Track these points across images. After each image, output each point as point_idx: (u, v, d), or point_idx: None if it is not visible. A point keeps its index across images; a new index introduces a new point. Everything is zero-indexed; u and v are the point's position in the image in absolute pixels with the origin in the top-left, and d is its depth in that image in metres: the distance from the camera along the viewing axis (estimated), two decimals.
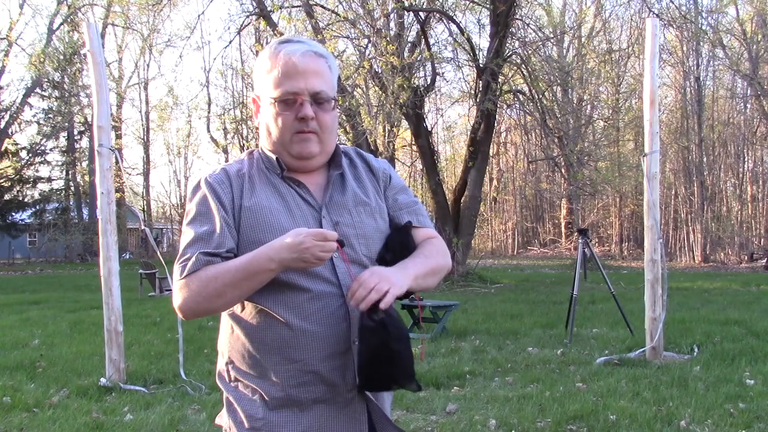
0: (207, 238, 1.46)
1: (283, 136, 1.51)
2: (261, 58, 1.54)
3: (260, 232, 1.47)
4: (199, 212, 1.50)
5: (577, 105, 22.00)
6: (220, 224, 1.47)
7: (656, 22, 6.41)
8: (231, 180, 1.52)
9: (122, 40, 35.46)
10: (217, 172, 1.55)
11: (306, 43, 1.52)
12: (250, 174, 1.54)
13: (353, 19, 14.14)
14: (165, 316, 9.60)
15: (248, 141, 34.98)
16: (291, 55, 1.48)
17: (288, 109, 1.49)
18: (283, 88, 1.48)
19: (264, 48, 1.58)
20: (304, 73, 1.48)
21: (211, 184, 1.51)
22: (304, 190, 1.54)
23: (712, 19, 23.85)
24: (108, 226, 5.48)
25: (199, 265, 1.44)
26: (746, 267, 22.40)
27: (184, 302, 1.46)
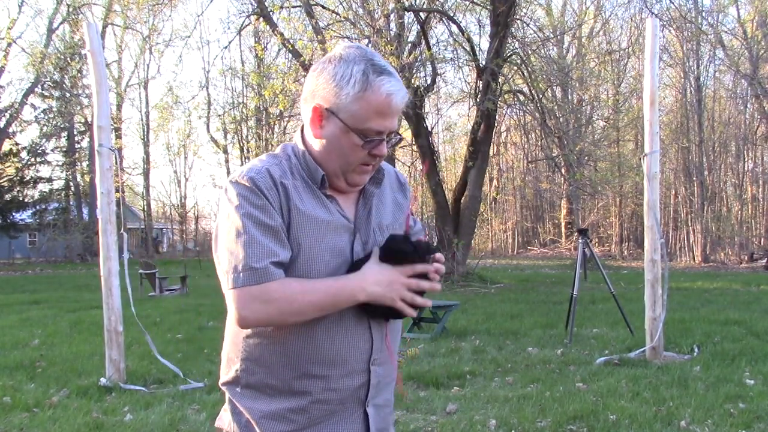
0: (272, 245, 1.39)
1: (348, 164, 1.46)
2: (349, 77, 1.40)
3: (310, 239, 1.44)
4: (254, 214, 1.40)
5: (577, 105, 22.00)
6: (279, 231, 1.41)
7: (656, 23, 6.41)
8: (277, 185, 1.43)
9: (122, 40, 35.51)
10: (261, 172, 1.43)
11: (397, 78, 1.43)
12: (290, 184, 1.45)
13: (353, 19, 14.14)
14: (165, 316, 9.60)
15: (248, 141, 35.01)
16: (393, 95, 1.40)
17: (368, 145, 1.43)
18: (372, 126, 1.41)
19: (343, 62, 1.42)
20: (394, 114, 1.43)
21: (262, 190, 1.41)
22: (339, 207, 1.50)
23: (713, 19, 23.87)
24: (108, 226, 5.48)
25: (272, 277, 1.38)
26: (746, 267, 22.40)
27: (256, 314, 1.39)
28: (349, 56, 1.42)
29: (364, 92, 1.39)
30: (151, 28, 21.73)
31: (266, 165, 1.46)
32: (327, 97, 1.42)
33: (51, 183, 34.41)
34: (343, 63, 1.41)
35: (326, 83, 1.42)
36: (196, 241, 43.51)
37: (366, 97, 1.39)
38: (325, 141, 1.45)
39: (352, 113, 1.41)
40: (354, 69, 1.40)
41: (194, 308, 10.66)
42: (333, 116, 1.42)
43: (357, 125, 1.41)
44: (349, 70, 1.40)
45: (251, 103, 25.84)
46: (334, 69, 1.42)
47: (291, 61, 14.69)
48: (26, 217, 34.14)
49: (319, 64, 1.46)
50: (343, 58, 1.42)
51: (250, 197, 1.40)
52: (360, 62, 1.41)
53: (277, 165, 1.47)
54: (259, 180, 1.41)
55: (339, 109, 1.42)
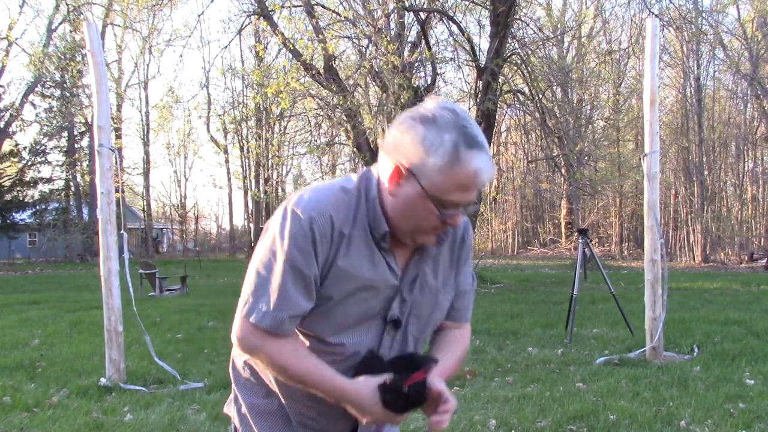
0: (298, 298, 1.39)
1: (419, 227, 1.42)
2: (438, 145, 1.32)
3: (343, 293, 1.43)
4: (296, 259, 1.37)
5: (577, 105, 22.00)
6: (311, 281, 1.40)
7: (656, 22, 6.40)
8: (333, 234, 1.39)
9: (122, 40, 35.51)
10: (323, 215, 1.38)
11: (487, 151, 1.37)
12: (351, 232, 1.41)
13: (354, 18, 14.14)
14: (165, 316, 9.60)
15: (248, 141, 34.99)
16: (481, 173, 1.34)
17: (444, 213, 1.39)
18: (454, 198, 1.36)
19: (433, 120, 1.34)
20: (476, 188, 1.38)
21: (315, 233, 1.37)
22: (393, 259, 1.47)
23: (713, 19, 23.87)
24: (108, 226, 5.47)
25: (283, 331, 1.40)
26: (746, 267, 22.39)
27: (249, 349, 1.44)
28: (441, 120, 1.34)
29: (452, 166, 1.32)
30: (151, 27, 21.71)
31: (332, 206, 1.40)
32: (411, 159, 1.35)
33: (51, 183, 34.41)
34: (435, 127, 1.33)
35: (413, 144, 1.35)
36: (196, 241, 43.55)
37: (453, 171, 1.33)
38: (399, 201, 1.40)
39: (434, 182, 1.34)
40: (445, 138, 1.32)
41: (194, 308, 10.66)
42: (413, 179, 1.36)
43: (437, 195, 1.35)
44: (440, 138, 1.32)
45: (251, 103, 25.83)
46: (424, 132, 1.34)
47: (292, 60, 14.68)
48: (26, 217, 34.13)
49: (408, 119, 1.38)
50: (436, 122, 1.34)
51: (300, 240, 1.36)
52: (452, 130, 1.33)
53: (344, 206, 1.41)
54: (317, 224, 1.37)
55: (421, 175, 1.35)
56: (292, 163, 40.70)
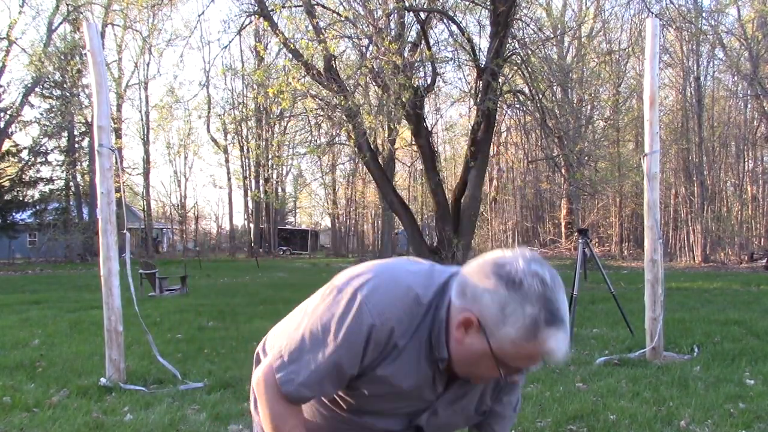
0: (328, 387, 1.40)
1: (476, 374, 1.41)
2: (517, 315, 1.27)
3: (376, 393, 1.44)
4: (342, 356, 1.36)
5: (577, 105, 22.00)
6: (346, 378, 1.40)
7: (656, 22, 6.40)
8: (388, 345, 1.36)
9: (122, 40, 35.52)
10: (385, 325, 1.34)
11: (566, 328, 1.31)
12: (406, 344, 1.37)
13: (354, 18, 14.14)
14: (165, 316, 9.60)
15: (248, 141, 34.99)
16: (555, 353, 1.30)
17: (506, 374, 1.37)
18: (517, 364, 1.34)
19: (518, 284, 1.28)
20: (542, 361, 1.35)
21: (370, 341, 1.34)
22: (441, 376, 1.45)
23: (713, 19, 23.87)
24: (108, 226, 5.47)
25: (301, 403, 1.44)
26: (746, 267, 22.39)
27: (261, 394, 1.45)
28: (528, 290, 1.27)
29: (527, 341, 1.28)
30: (151, 27, 21.72)
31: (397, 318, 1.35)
32: (486, 317, 1.30)
33: (51, 183, 34.41)
34: (518, 296, 1.27)
35: (491, 303, 1.29)
36: (196, 241, 43.55)
37: (526, 346, 1.28)
38: (463, 349, 1.35)
39: (504, 349, 1.30)
40: (527, 311, 1.26)
41: (194, 308, 10.66)
42: (483, 336, 1.31)
43: (504, 360, 1.32)
44: (521, 310, 1.27)
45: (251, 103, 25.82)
46: (506, 297, 1.28)
47: (292, 61, 14.68)
48: (26, 217, 34.13)
49: (494, 275, 1.31)
50: (521, 289, 1.28)
51: (354, 341, 1.34)
52: (536, 304, 1.27)
53: (410, 319, 1.36)
54: (376, 332, 1.34)
55: (492, 336, 1.30)
56: (292, 163, 40.73)
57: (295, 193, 50.96)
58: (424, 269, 1.45)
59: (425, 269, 1.45)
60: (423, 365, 1.40)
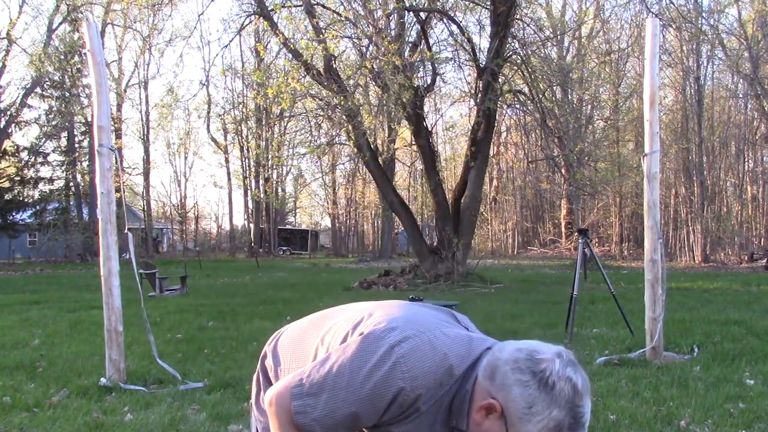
0: (334, 426, 1.39)
1: None
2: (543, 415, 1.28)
3: None
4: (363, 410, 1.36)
5: (577, 105, 22.01)
6: (356, 427, 1.41)
7: (656, 22, 6.40)
8: (410, 408, 1.37)
9: (122, 40, 35.52)
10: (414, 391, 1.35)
11: None
12: (424, 408, 1.39)
13: (354, 18, 14.13)
14: (165, 316, 9.60)
15: (248, 141, 34.98)
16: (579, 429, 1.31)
17: None
18: None
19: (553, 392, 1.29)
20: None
21: (394, 403, 1.36)
22: None
23: (713, 19, 23.87)
24: (108, 226, 5.47)
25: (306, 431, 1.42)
26: (746, 267, 22.40)
27: (274, 423, 1.43)
28: (558, 394, 1.29)
29: (560, 420, 1.28)
30: (151, 27, 21.72)
31: (427, 387, 1.36)
32: (510, 408, 1.30)
33: (51, 183, 34.41)
34: (548, 398, 1.28)
35: (520, 398, 1.30)
36: (196, 241, 43.54)
37: (559, 423, 1.29)
38: (480, 430, 1.36)
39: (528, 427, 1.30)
40: (553, 413, 1.28)
41: (194, 308, 10.66)
42: (503, 425, 1.32)
43: None
44: (548, 411, 1.28)
45: (251, 103, 25.84)
46: (536, 396, 1.29)
47: (292, 61, 14.68)
48: (26, 217, 34.13)
49: (528, 372, 1.31)
50: (552, 392, 1.29)
51: (378, 399, 1.35)
52: (564, 408, 1.28)
53: (438, 387, 1.37)
54: (403, 397, 1.35)
55: (512, 428, 1.31)
56: (292, 163, 40.74)
57: (295, 193, 51.00)
58: (462, 337, 1.46)
59: (463, 337, 1.46)
60: (438, 429, 1.41)
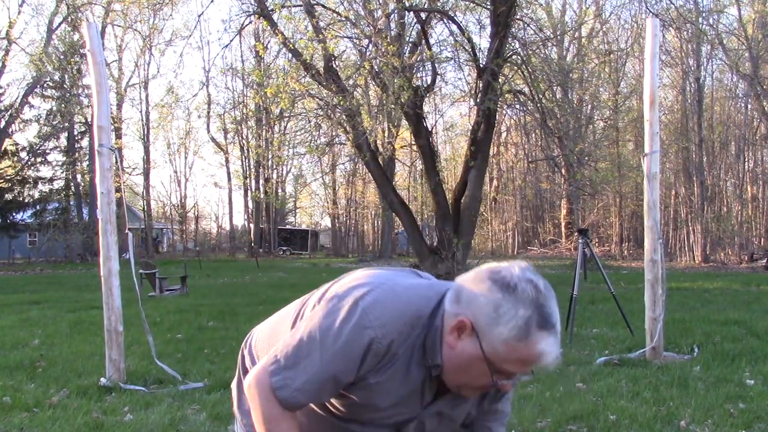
0: (323, 395, 1.41)
1: (468, 384, 1.42)
2: (510, 317, 1.31)
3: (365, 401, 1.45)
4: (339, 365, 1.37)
5: (577, 105, 22.01)
6: (341, 386, 1.41)
7: (656, 22, 6.40)
8: (386, 355, 1.39)
9: (122, 40, 35.52)
10: (386, 338, 1.37)
11: (558, 334, 1.35)
12: (399, 353, 1.40)
13: (354, 18, 14.13)
14: (165, 316, 9.60)
15: (248, 141, 34.98)
16: (546, 357, 1.32)
17: (497, 379, 1.39)
18: (511, 368, 1.36)
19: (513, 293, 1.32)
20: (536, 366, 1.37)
21: (369, 353, 1.37)
22: (431, 385, 1.46)
23: (713, 19, 23.87)
24: (108, 226, 5.47)
25: (295, 408, 1.42)
26: (746, 267, 22.39)
27: (256, 406, 1.42)
28: (521, 293, 1.32)
29: (518, 342, 1.31)
30: (151, 27, 21.72)
31: (398, 331, 1.38)
32: (479, 320, 1.34)
33: (51, 183, 34.41)
34: (513, 298, 1.32)
35: (485, 305, 1.33)
36: (196, 241, 43.53)
37: (517, 347, 1.32)
38: (455, 354, 1.38)
39: (496, 350, 1.33)
40: (520, 312, 1.31)
41: (194, 308, 10.66)
42: (476, 339, 1.35)
43: (495, 362, 1.34)
44: (514, 311, 1.31)
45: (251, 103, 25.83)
46: (500, 299, 1.32)
47: (292, 60, 14.68)
48: (26, 217, 34.13)
49: (489, 280, 1.35)
50: (515, 292, 1.32)
51: (353, 351, 1.36)
52: (529, 307, 1.31)
53: (409, 330, 1.39)
54: (375, 345, 1.36)
55: (484, 338, 1.34)
56: (292, 163, 40.71)
57: (295, 193, 50.96)
58: (424, 283, 1.48)
59: (425, 283, 1.48)
60: (414, 372, 1.41)
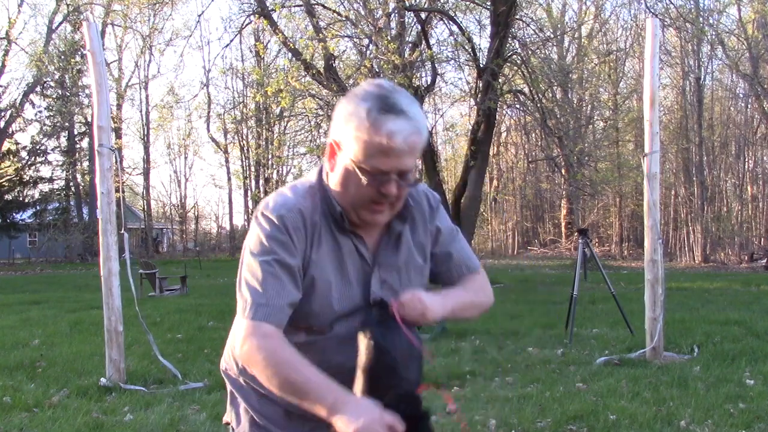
0: (289, 286, 1.42)
1: (358, 200, 1.45)
2: (352, 114, 1.39)
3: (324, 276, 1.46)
4: (277, 254, 1.42)
5: (577, 105, 22.00)
6: (296, 272, 1.43)
7: (656, 22, 6.40)
8: (306, 226, 1.45)
9: (122, 40, 35.50)
10: (292, 211, 1.45)
11: (409, 118, 1.38)
12: (317, 221, 1.47)
13: (354, 18, 14.13)
14: (165, 316, 9.60)
15: (248, 141, 34.99)
16: (394, 136, 1.36)
17: (372, 182, 1.41)
18: (374, 164, 1.39)
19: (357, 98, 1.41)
20: (401, 154, 1.39)
21: (288, 228, 1.43)
22: (361, 242, 1.50)
23: (713, 18, 23.87)
24: (108, 226, 5.48)
25: (282, 319, 1.41)
26: (746, 267, 22.39)
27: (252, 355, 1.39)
28: (365, 93, 1.40)
29: (366, 131, 1.37)
30: (151, 27, 21.70)
31: (299, 201, 1.46)
32: (338, 133, 1.43)
33: (51, 183, 34.41)
34: (358, 100, 1.40)
35: (340, 119, 1.42)
36: (196, 241, 43.51)
37: (369, 136, 1.37)
38: (336, 175, 1.46)
39: (355, 150, 1.40)
40: (362, 106, 1.38)
41: (194, 308, 10.66)
42: (343, 152, 1.43)
43: (361, 163, 1.40)
44: (358, 108, 1.39)
45: (251, 103, 25.83)
46: (348, 105, 1.41)
47: (292, 60, 14.67)
48: (26, 217, 34.13)
49: (343, 99, 1.45)
50: (359, 95, 1.41)
51: (276, 236, 1.42)
52: (370, 100, 1.38)
53: (310, 199, 1.48)
54: (288, 219, 1.43)
55: (345, 145, 1.42)
56: (292, 163, 40.69)
57: None
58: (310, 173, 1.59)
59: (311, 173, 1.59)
60: (342, 241, 1.48)
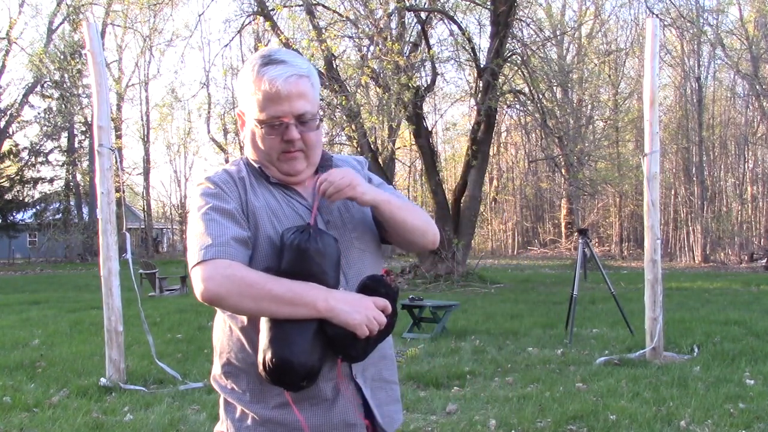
0: (230, 225, 1.46)
1: (270, 155, 1.55)
2: (243, 78, 1.53)
3: (267, 224, 1.51)
4: (212, 202, 1.49)
5: (577, 105, 21.99)
6: (235, 214, 1.49)
7: (656, 22, 6.40)
8: (235, 180, 1.55)
9: (122, 40, 35.49)
10: (218, 173, 1.56)
11: (288, 64, 1.50)
12: (244, 176, 1.57)
13: (354, 18, 14.13)
14: (165, 316, 9.60)
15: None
16: (274, 80, 1.48)
17: (273, 132, 1.51)
18: (268, 113, 1.50)
19: (246, 64, 1.55)
20: (288, 97, 1.48)
21: (218, 183, 1.53)
22: (295, 193, 1.58)
23: (713, 18, 23.88)
24: (108, 226, 5.48)
25: (234, 252, 1.43)
26: (746, 267, 22.39)
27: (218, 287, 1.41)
28: (251, 59, 1.54)
29: (253, 85, 1.51)
30: (151, 28, 21.72)
31: (224, 170, 1.58)
32: (240, 103, 1.57)
33: (51, 183, 34.39)
34: (246, 66, 1.54)
35: (238, 90, 1.57)
36: None
37: (256, 90, 1.50)
38: (247, 140, 1.58)
39: (252, 108, 1.52)
40: (248, 68, 1.53)
41: (194, 308, 10.65)
42: (244, 116, 1.57)
43: (258, 117, 1.51)
44: (245, 71, 1.53)
45: None
46: (240, 75, 1.55)
47: None
48: (26, 217, 34.11)
49: None
50: (248, 62, 1.55)
51: (207, 191, 1.52)
52: (254, 61, 1.53)
53: (235, 167, 1.60)
54: (216, 178, 1.54)
55: (246, 109, 1.55)
56: None
57: None
58: None
59: None
60: (273, 190, 1.56)
